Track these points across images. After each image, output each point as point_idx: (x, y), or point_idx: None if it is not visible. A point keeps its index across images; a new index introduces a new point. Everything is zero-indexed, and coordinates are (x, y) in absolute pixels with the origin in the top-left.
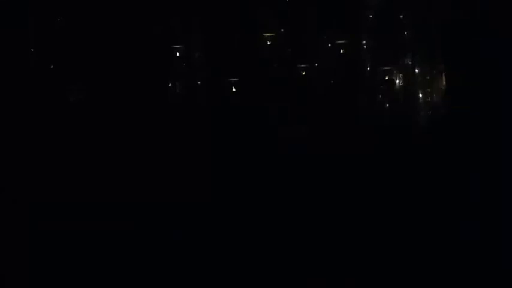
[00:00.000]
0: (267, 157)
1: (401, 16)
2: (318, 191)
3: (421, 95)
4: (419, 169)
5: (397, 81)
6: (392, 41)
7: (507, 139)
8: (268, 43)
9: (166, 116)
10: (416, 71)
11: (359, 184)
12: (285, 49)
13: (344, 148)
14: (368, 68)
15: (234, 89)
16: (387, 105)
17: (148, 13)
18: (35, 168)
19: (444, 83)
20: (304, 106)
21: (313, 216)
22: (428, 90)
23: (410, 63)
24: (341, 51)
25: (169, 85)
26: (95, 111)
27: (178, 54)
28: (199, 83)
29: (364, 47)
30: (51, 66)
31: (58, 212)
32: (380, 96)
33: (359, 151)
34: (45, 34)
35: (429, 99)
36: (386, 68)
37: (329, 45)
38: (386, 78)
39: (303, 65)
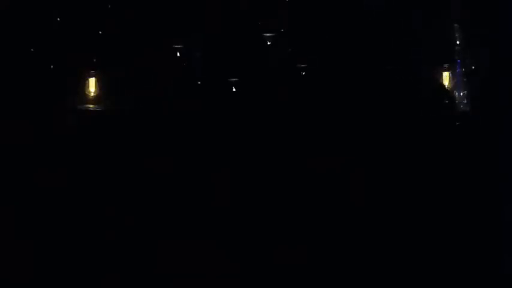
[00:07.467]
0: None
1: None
2: None
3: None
4: None
5: None
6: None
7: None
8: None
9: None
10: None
11: None
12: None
13: None
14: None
15: (234, 89)
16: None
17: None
18: None
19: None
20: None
21: None
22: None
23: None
24: None
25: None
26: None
27: (178, 54)
28: (199, 83)
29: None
30: (51, 66)
31: None
32: None
33: None
34: (45, 34)
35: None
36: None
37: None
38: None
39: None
